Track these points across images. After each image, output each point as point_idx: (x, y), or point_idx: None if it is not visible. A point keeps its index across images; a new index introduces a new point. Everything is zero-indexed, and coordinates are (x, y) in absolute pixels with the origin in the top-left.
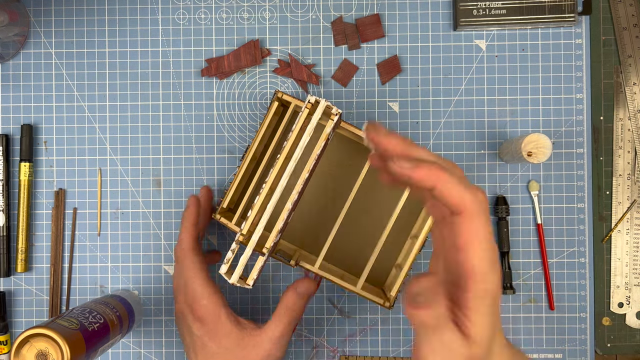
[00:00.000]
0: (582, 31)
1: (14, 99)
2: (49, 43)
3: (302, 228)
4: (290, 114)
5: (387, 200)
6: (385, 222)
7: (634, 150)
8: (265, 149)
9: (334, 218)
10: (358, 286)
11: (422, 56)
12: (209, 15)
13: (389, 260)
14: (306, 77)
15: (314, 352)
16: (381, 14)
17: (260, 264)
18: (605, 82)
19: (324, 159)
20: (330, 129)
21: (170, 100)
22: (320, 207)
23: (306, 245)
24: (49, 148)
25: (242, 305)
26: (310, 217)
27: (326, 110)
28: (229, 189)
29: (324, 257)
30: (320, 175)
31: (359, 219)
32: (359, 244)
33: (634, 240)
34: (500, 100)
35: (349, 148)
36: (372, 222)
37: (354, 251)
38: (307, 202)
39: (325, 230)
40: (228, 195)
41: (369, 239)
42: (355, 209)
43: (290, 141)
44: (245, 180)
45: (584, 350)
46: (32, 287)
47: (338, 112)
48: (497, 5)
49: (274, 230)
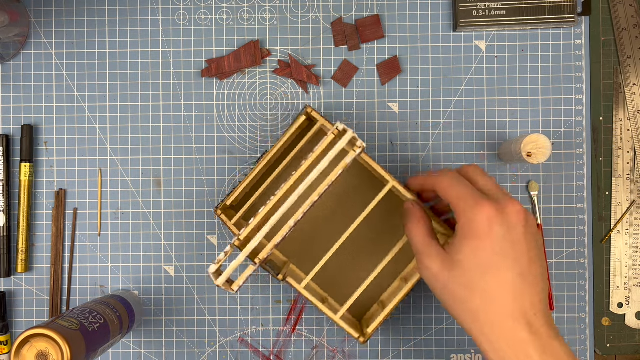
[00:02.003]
0: (582, 32)
1: (14, 99)
2: (49, 43)
3: (297, 240)
4: (315, 132)
5: (386, 236)
6: (380, 257)
7: (633, 151)
8: (282, 158)
9: (328, 236)
10: (338, 315)
11: (422, 57)
12: (209, 15)
13: (373, 294)
14: (306, 77)
15: (314, 352)
16: (381, 15)
17: (248, 273)
18: (604, 83)
19: None
20: (350, 160)
21: (171, 100)
22: (317, 223)
23: (297, 258)
24: (49, 148)
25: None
26: (305, 231)
27: (351, 140)
28: (237, 187)
29: None
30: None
31: (354, 248)
32: (348, 272)
33: (633, 241)
34: (500, 101)
35: (359, 172)
36: (367, 254)
37: (342, 277)
38: (306, 216)
39: (318, 246)
40: (234, 193)
41: (360, 270)
42: (353, 237)
43: (308, 161)
44: (254, 183)
45: (584, 351)
46: (33, 287)
47: (362, 146)
48: (497, 6)
49: (270, 244)
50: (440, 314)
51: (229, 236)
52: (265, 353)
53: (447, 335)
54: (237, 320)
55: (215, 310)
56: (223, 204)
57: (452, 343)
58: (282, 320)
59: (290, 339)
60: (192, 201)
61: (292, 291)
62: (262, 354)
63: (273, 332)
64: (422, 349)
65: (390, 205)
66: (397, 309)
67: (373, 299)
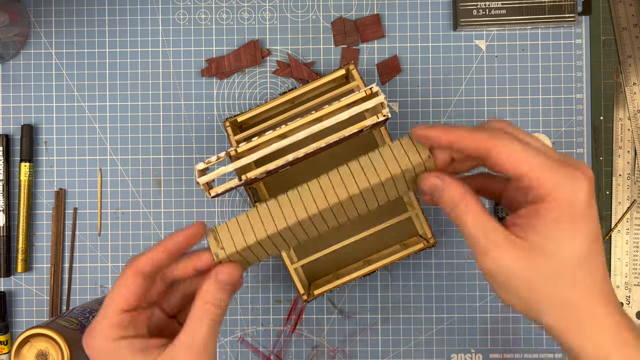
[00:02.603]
0: (582, 31)
1: (14, 99)
2: (49, 43)
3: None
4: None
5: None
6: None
7: (633, 150)
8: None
9: None
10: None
11: (422, 56)
12: (209, 15)
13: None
14: (306, 75)
15: (314, 352)
16: (381, 14)
17: (230, 185)
18: (605, 82)
19: None
20: (370, 123)
21: (170, 100)
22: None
23: None
24: (49, 148)
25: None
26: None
27: (379, 106)
28: (254, 109)
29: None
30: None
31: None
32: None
33: (633, 240)
34: (500, 100)
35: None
36: (352, 226)
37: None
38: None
39: None
40: (248, 113)
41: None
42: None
43: (331, 107)
44: (271, 114)
45: None
46: (32, 287)
47: (387, 115)
48: (497, 5)
49: (262, 168)
50: (441, 314)
51: None
52: (265, 353)
53: (447, 335)
54: (237, 320)
55: None
56: (233, 119)
57: (452, 343)
58: (282, 320)
59: (290, 338)
60: (192, 201)
61: (292, 291)
62: (262, 353)
63: (273, 332)
64: (422, 349)
65: None
66: (397, 308)
67: (331, 270)
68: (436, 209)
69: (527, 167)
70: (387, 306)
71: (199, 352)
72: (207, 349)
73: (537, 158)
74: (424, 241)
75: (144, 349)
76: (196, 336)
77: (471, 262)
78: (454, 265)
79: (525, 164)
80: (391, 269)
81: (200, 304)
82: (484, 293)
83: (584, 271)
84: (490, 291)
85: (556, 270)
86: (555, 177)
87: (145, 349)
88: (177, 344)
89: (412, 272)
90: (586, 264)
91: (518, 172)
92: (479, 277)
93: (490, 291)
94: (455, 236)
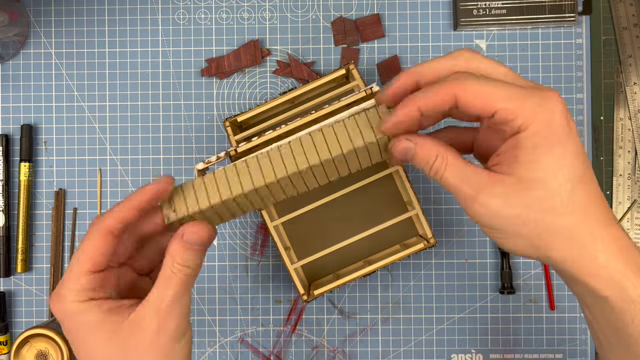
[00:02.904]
0: (583, 31)
1: (14, 99)
2: (49, 43)
3: None
4: (346, 90)
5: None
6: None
7: (634, 150)
8: (306, 102)
9: (319, 195)
10: (293, 266)
11: (422, 56)
12: (209, 15)
13: (334, 266)
14: (306, 75)
15: (314, 352)
16: (381, 14)
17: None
18: (605, 82)
19: None
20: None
21: (170, 100)
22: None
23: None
24: (49, 148)
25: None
26: None
27: None
28: (254, 109)
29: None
30: None
31: (342, 215)
32: (324, 236)
33: (634, 240)
34: None
35: None
36: (354, 225)
37: (317, 240)
38: None
39: (306, 200)
40: (248, 113)
41: (335, 238)
42: (343, 204)
43: (331, 107)
44: (271, 114)
45: (584, 350)
46: (32, 287)
47: None
48: (497, 5)
49: None
50: (441, 314)
51: (229, 237)
52: (265, 353)
53: (447, 335)
54: (237, 320)
55: (215, 310)
56: (233, 119)
57: (452, 343)
58: (282, 320)
59: (290, 339)
60: None
61: (292, 291)
62: (262, 354)
63: (273, 332)
64: (422, 349)
65: (391, 185)
66: (398, 309)
67: (331, 270)
68: (436, 209)
69: (498, 101)
70: (387, 306)
71: (167, 311)
72: (177, 308)
73: (505, 90)
74: (424, 241)
75: (114, 310)
76: (165, 296)
77: (471, 262)
78: (454, 265)
79: (495, 100)
80: (391, 269)
81: (168, 263)
82: (484, 293)
83: (579, 194)
84: (490, 291)
85: (549, 198)
86: (527, 104)
87: (114, 310)
88: (146, 304)
89: (412, 272)
90: (579, 186)
91: (490, 110)
92: (479, 277)
93: (490, 291)
94: (456, 236)
